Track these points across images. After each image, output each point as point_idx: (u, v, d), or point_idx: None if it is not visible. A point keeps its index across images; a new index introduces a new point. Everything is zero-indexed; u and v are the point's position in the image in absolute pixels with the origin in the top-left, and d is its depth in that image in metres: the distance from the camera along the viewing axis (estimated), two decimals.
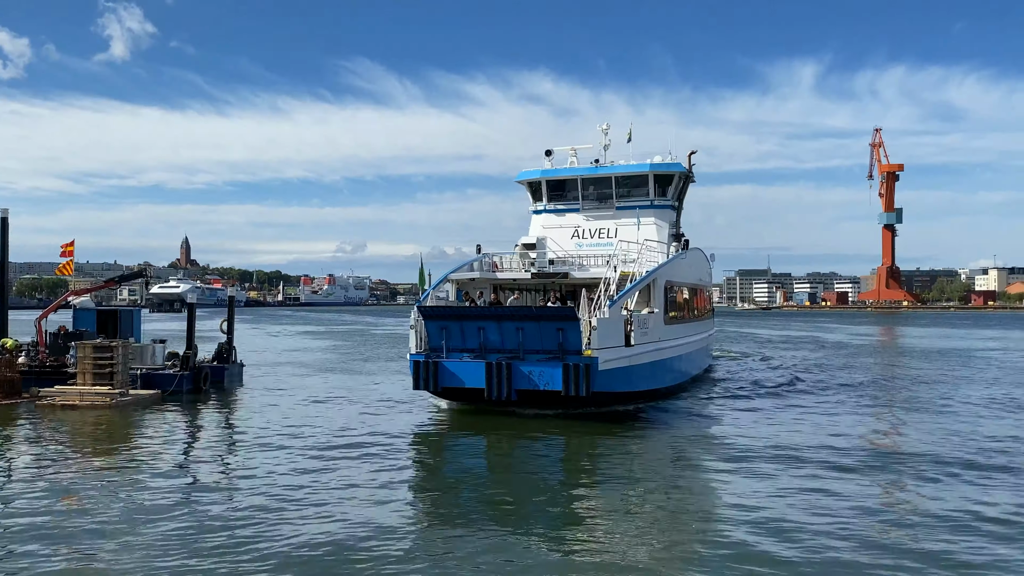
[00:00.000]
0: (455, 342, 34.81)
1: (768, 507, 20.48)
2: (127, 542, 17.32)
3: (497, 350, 34.19)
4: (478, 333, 34.39)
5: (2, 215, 47.11)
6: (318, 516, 19.57)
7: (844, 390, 45.88)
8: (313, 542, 17.46)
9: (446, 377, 34.65)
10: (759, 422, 34.28)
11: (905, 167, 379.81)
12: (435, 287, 41.00)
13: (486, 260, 44.16)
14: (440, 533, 18.48)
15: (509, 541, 17.82)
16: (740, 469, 24.95)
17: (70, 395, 37.58)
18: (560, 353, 33.16)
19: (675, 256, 44.37)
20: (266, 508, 20.17)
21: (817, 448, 28.02)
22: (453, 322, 34.89)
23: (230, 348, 47.94)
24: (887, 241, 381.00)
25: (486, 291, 43.15)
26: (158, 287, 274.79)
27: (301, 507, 20.33)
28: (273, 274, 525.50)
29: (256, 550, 16.90)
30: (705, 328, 54.48)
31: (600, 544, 17.91)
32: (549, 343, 33.40)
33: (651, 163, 48.03)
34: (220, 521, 19.02)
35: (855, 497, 21.46)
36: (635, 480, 23.81)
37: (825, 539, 17.83)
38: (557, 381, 32.86)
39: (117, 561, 16.20)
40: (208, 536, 17.85)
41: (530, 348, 33.72)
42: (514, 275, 43.28)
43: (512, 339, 33.94)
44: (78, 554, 16.67)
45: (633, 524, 19.35)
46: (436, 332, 35.08)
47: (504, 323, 34.05)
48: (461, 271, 42.80)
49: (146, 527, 18.44)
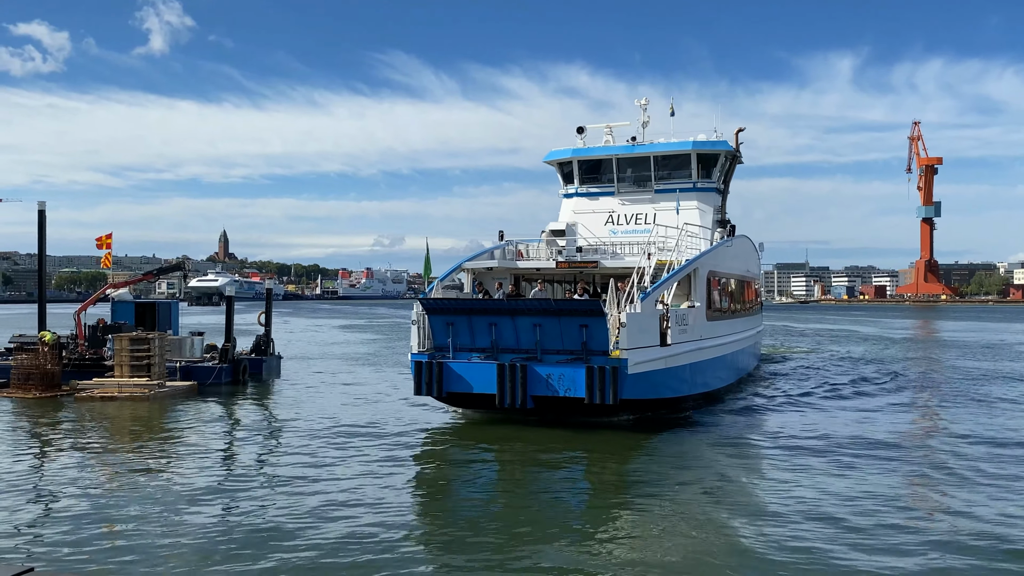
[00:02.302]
0: (463, 340, 30.91)
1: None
2: (162, 532, 17.09)
3: (511, 350, 30.28)
4: (489, 330, 30.41)
5: (39, 208, 47.21)
6: (341, 513, 19.28)
7: (911, 397, 40.48)
8: (328, 542, 17.16)
9: (452, 381, 30.48)
10: (818, 436, 28.66)
11: (944, 160, 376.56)
12: (446, 277, 36.74)
13: (509, 248, 39.56)
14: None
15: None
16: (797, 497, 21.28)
17: (108, 387, 37.57)
18: (584, 354, 29.13)
19: (719, 243, 39.62)
20: (296, 501, 19.86)
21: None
22: (460, 317, 30.79)
23: (268, 341, 47.89)
24: (925, 235, 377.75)
25: (506, 281, 38.77)
26: (196, 280, 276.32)
27: (327, 500, 20.08)
28: (311, 268, 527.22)
29: (289, 544, 16.57)
30: (752, 324, 49.67)
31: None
32: (571, 342, 29.40)
33: (694, 141, 43.41)
34: (251, 515, 18.70)
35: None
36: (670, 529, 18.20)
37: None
38: (580, 386, 28.70)
39: (153, 553, 15.96)
40: (240, 528, 17.54)
41: (549, 347, 29.72)
42: (538, 264, 38.89)
43: (528, 337, 29.94)
44: (118, 546, 16.45)
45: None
46: (441, 329, 31.16)
47: (519, 318, 29.98)
48: (479, 259, 38.27)
49: (180, 516, 18.23)
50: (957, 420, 32.89)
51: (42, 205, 47.48)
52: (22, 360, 39.78)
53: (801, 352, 71.18)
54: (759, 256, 52.93)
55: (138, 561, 15.71)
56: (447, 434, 29.82)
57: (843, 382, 45.89)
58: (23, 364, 39.51)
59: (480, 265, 37.99)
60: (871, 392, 41.98)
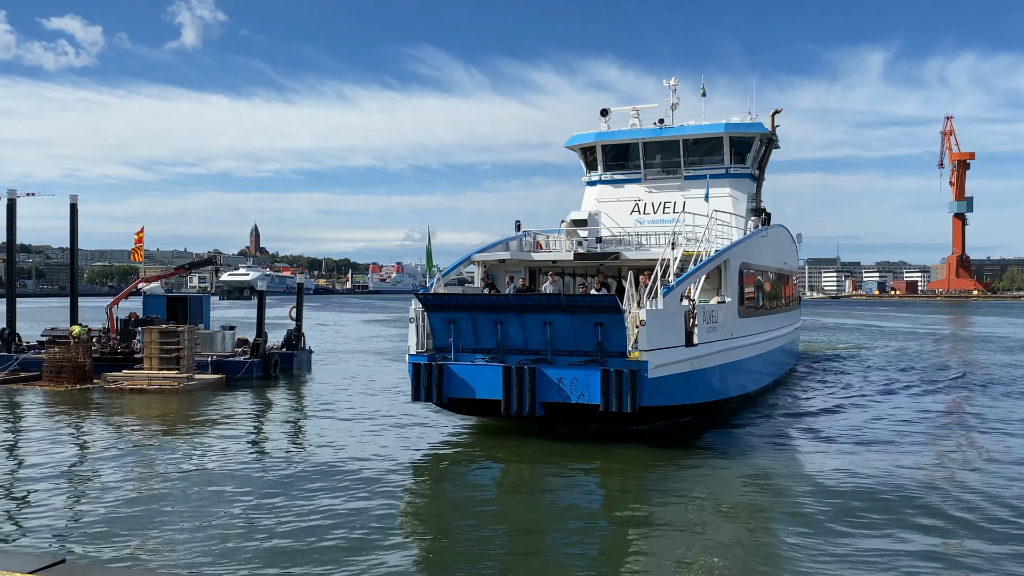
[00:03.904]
0: (466, 340, 27.70)
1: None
2: (192, 526, 17.01)
3: (519, 350, 27.02)
4: (495, 328, 27.12)
5: (71, 202, 47.44)
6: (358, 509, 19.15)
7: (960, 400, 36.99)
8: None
9: (453, 385, 27.20)
10: (868, 449, 25.47)
11: (976, 155, 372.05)
12: (452, 270, 33.63)
13: (526, 239, 36.69)
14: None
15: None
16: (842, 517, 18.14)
17: (138, 379, 37.70)
18: (599, 355, 25.91)
19: (753, 233, 36.35)
20: (323, 494, 19.75)
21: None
22: (463, 314, 27.50)
23: (299, 335, 47.95)
24: (957, 230, 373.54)
25: (517, 275, 34.53)
26: (228, 275, 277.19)
27: (353, 493, 19.97)
28: (342, 262, 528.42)
29: (317, 541, 16.46)
30: (790, 320, 46.42)
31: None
32: (585, 342, 26.18)
33: (727, 123, 40.20)
34: (280, 509, 18.59)
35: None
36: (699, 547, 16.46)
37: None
38: (594, 392, 25.46)
39: (183, 546, 15.88)
40: (268, 522, 17.42)
41: (560, 348, 26.51)
42: (555, 256, 35.82)
43: (538, 336, 26.68)
44: (148, 538, 16.36)
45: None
46: (442, 327, 27.85)
47: (527, 315, 26.67)
48: (491, 250, 34.93)
49: (209, 509, 18.13)
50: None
51: (74, 199, 47.75)
52: (54, 353, 40.04)
53: (842, 348, 68.85)
54: (797, 248, 49.68)
55: (168, 554, 15.65)
56: (475, 434, 29.00)
57: (896, 383, 42.51)
58: (55, 357, 39.79)
59: (491, 257, 34.74)
60: (929, 393, 39.15)
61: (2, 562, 7.77)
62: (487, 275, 33.61)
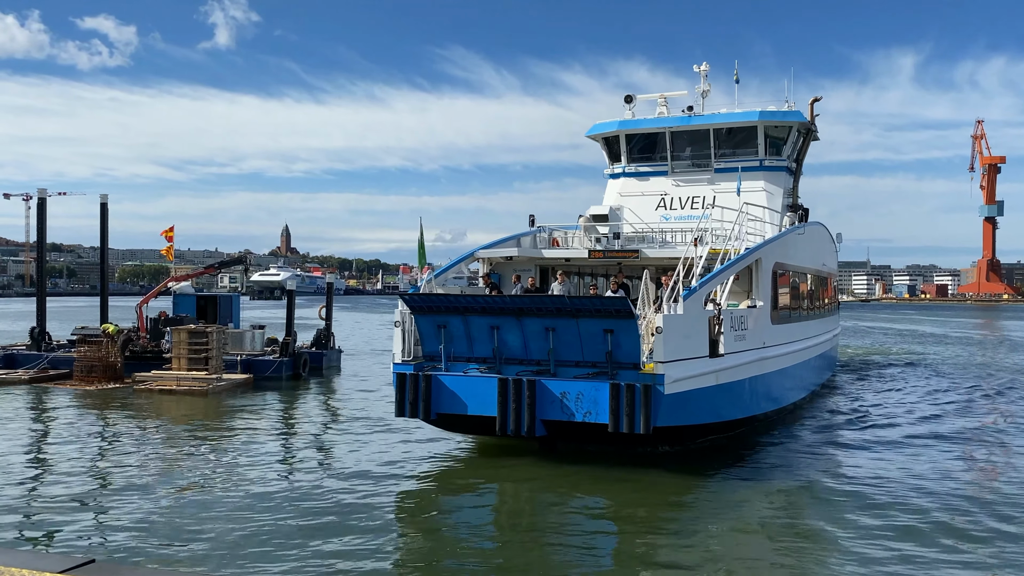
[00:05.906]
0: (458, 347, 24.23)
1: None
2: (223, 527, 16.88)
3: (518, 360, 23.66)
4: (491, 334, 23.66)
5: (102, 201, 47.64)
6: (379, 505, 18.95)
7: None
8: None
9: (443, 399, 23.90)
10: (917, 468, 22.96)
11: (1007, 159, 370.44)
12: (450, 267, 30.48)
13: (541, 235, 33.45)
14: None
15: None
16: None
17: (167, 380, 37.71)
18: (609, 367, 22.50)
19: (789, 230, 33.16)
20: (349, 500, 19.62)
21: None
22: (454, 318, 23.95)
23: (329, 334, 47.95)
24: (988, 234, 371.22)
25: (526, 274, 30.88)
26: (258, 274, 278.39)
27: (386, 493, 19.77)
28: (372, 262, 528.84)
29: (344, 540, 16.29)
30: (829, 326, 42.76)
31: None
32: (593, 351, 22.77)
33: (761, 111, 36.59)
34: (309, 510, 18.42)
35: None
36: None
37: None
38: (602, 409, 22.07)
39: (212, 546, 15.76)
40: (299, 522, 17.26)
41: (565, 358, 23.14)
42: (569, 253, 32.71)
43: (539, 344, 23.26)
44: (178, 538, 16.24)
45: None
46: (431, 332, 24.51)
47: (527, 320, 23.21)
48: (499, 247, 31.62)
49: (238, 510, 18.00)
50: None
51: (104, 198, 47.97)
52: (85, 352, 40.13)
53: (884, 353, 65.68)
54: (836, 248, 45.89)
55: (198, 554, 15.53)
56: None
57: (950, 396, 38.98)
58: (86, 356, 39.92)
59: (498, 254, 31.55)
60: (974, 402, 36.88)
61: (32, 561, 7.68)
62: (489, 274, 30.99)
